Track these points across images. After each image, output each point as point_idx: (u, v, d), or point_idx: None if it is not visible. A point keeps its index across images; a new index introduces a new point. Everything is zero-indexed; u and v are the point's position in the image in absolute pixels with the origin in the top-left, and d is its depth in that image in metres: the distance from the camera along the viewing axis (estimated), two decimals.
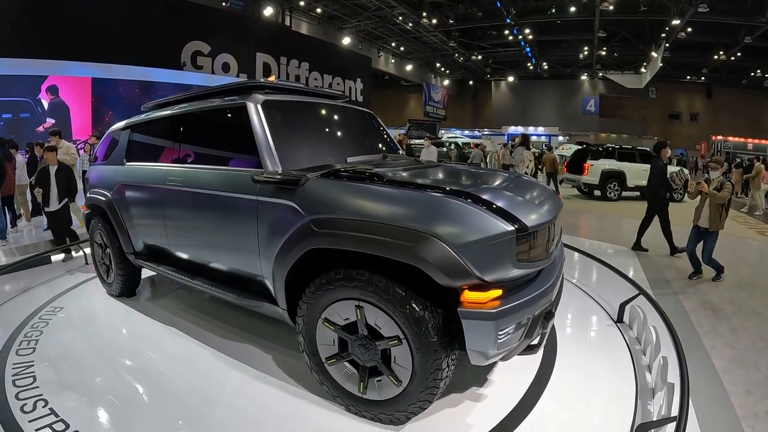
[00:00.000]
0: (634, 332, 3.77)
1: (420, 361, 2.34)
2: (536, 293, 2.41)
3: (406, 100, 44.39)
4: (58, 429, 2.55)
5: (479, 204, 2.29)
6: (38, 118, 13.09)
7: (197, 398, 2.91)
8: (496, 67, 39.84)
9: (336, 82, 28.21)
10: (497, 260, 2.22)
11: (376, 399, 2.57)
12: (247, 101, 3.09)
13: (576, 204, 13.23)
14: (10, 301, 4.69)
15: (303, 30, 27.19)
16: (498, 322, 2.21)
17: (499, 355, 2.35)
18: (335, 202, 2.58)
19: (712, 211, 5.41)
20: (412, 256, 2.24)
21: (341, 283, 2.47)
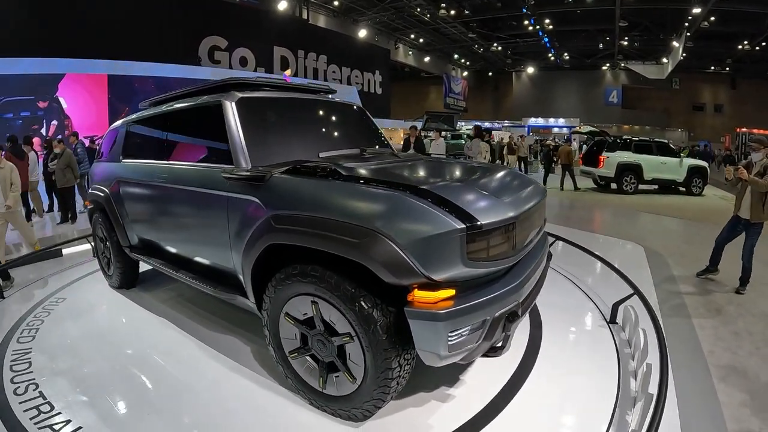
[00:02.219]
0: (626, 334, 3.57)
1: (371, 359, 2.31)
2: (498, 293, 2.29)
3: (427, 92, 43.97)
4: (44, 410, 2.71)
5: (428, 200, 2.19)
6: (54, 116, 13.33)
7: (174, 386, 3.02)
8: (517, 57, 39.11)
9: (354, 74, 28.12)
10: (445, 259, 2.12)
11: (334, 394, 2.56)
12: (224, 99, 3.12)
13: (590, 197, 12.87)
14: (18, 292, 4.93)
15: (320, 23, 27.08)
16: (447, 323, 2.11)
17: (454, 357, 2.25)
18: (292, 198, 2.59)
19: (754, 200, 4.69)
20: (358, 253, 2.21)
21: (297, 279, 2.48)
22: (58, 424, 2.59)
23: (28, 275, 5.46)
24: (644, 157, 13.20)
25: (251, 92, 3.31)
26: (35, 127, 12.95)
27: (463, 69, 43.38)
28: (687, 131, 38.35)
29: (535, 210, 2.83)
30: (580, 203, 11.85)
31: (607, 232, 8.08)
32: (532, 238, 2.81)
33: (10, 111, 12.67)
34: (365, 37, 29.28)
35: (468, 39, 33.25)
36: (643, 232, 8.06)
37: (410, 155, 3.81)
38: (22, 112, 12.85)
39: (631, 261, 6.08)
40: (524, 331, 3.69)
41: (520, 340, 3.55)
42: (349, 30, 28.46)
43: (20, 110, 12.82)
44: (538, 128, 39.08)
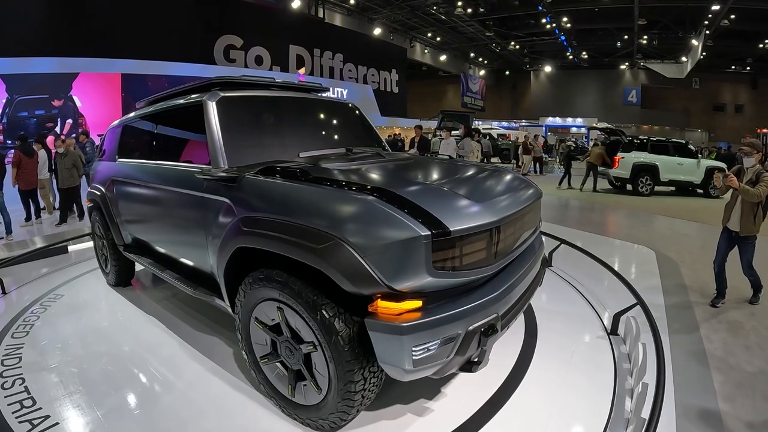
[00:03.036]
0: (626, 348, 3.33)
1: (333, 370, 2.18)
2: (473, 305, 2.11)
3: (444, 90, 43.45)
4: (26, 405, 2.75)
5: (393, 203, 2.02)
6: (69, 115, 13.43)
7: (151, 386, 3.01)
8: (534, 56, 38.45)
9: (371, 73, 27.95)
10: (408, 268, 1.94)
11: (302, 403, 2.46)
12: (205, 99, 3.04)
13: (604, 198, 12.47)
14: (20, 288, 4.99)
15: (336, 22, 26.97)
16: (410, 337, 1.94)
17: (421, 372, 2.08)
18: (259, 200, 2.51)
19: (744, 211, 4.21)
20: (316, 259, 2.08)
21: (263, 284, 2.38)
22: (37, 419, 2.61)
23: (33, 271, 5.51)
24: (661, 158, 12.73)
25: (234, 91, 3.22)
26: (49, 125, 13.09)
27: (481, 68, 42.83)
28: (707, 132, 37.26)
29: (525, 213, 2.64)
30: (594, 205, 11.50)
31: (618, 235, 7.76)
32: (520, 244, 2.62)
33: (25, 110, 12.81)
34: (380, 35, 29.05)
35: (485, 38, 32.76)
36: (656, 235, 7.72)
37: (400, 155, 3.62)
38: (37, 111, 12.99)
39: (640, 266, 5.82)
40: (517, 339, 3.51)
41: (512, 348, 3.37)
42: (364, 28, 28.26)
43: (35, 109, 12.96)
44: (555, 128, 38.41)
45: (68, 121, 13.30)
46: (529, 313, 3.99)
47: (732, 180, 4.11)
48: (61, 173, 8.09)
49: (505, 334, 3.49)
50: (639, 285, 4.75)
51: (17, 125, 12.47)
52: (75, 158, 8.22)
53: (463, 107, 35.97)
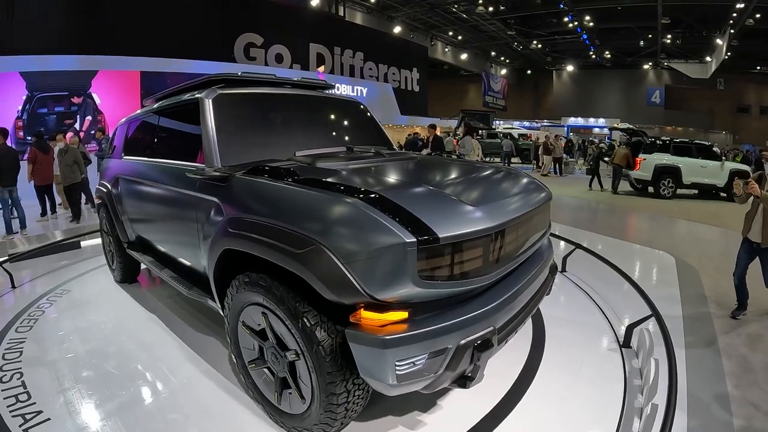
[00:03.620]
0: (639, 362, 3.11)
1: (316, 380, 2.07)
2: (465, 318, 1.94)
3: (466, 90, 42.90)
4: (21, 399, 2.76)
5: (379, 207, 1.86)
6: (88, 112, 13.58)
7: (143, 385, 2.97)
8: (557, 55, 37.74)
9: (391, 71, 27.75)
10: (391, 277, 1.79)
11: (288, 411, 2.35)
12: (202, 96, 2.96)
13: (625, 201, 12.07)
14: (29, 282, 5.05)
15: (357, 20, 26.85)
16: (393, 351, 1.79)
17: (408, 387, 1.93)
18: (245, 200, 2.42)
19: (767, 221, 3.90)
20: (296, 265, 1.96)
21: (249, 288, 2.29)
22: (30, 414, 2.62)
23: (44, 266, 5.56)
24: (683, 160, 12.25)
25: (232, 89, 3.13)
26: (69, 121, 13.23)
27: (502, 67, 42.23)
28: (731, 134, 36.08)
29: (531, 217, 2.45)
30: (613, 207, 11.15)
31: (637, 240, 7.46)
32: (524, 250, 2.43)
33: (45, 106, 12.96)
34: (400, 33, 28.82)
35: (506, 36, 32.27)
36: (676, 240, 7.41)
37: (404, 154, 3.47)
38: (56, 108, 13.12)
39: (658, 274, 5.56)
40: (524, 347, 3.33)
41: (518, 357, 3.20)
42: (383, 27, 28.06)
43: (54, 106, 13.10)
44: (578, 128, 37.68)
45: (87, 118, 13.44)
46: (538, 321, 3.80)
47: (753, 187, 3.78)
48: (63, 170, 7.96)
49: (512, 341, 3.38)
50: (656, 294, 4.50)
51: (37, 122, 12.65)
52: (76, 155, 8.09)
53: (484, 107, 35.50)
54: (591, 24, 27.45)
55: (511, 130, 26.28)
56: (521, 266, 2.49)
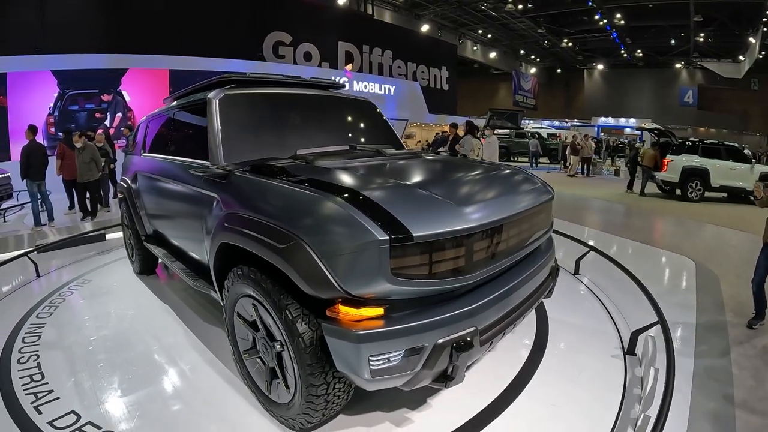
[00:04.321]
0: (642, 370, 2.97)
1: (297, 372, 2.10)
2: (443, 317, 1.92)
3: (497, 88, 42.20)
4: (36, 379, 2.92)
5: (355, 205, 1.87)
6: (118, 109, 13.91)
7: (149, 370, 3.06)
8: (588, 54, 36.76)
9: (420, 70, 27.51)
10: (364, 273, 1.82)
11: (276, 400, 2.39)
12: (209, 96, 3.03)
13: (650, 203, 11.67)
14: (54, 272, 5.26)
15: (386, 19, 26.73)
16: (366, 346, 1.83)
17: (384, 383, 1.95)
18: (240, 197, 2.48)
19: None
20: (279, 259, 2.03)
21: (241, 280, 2.36)
22: (42, 392, 2.76)
23: (69, 256, 5.77)
24: (712, 162, 11.73)
25: (241, 89, 3.20)
26: (99, 116, 13.58)
27: (532, 65, 41.42)
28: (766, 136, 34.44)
29: (525, 217, 2.39)
30: (638, 209, 10.77)
31: (658, 243, 7.18)
32: (516, 250, 2.37)
33: (76, 103, 13.34)
34: (428, 32, 28.53)
35: (536, 34, 31.63)
36: (699, 245, 7.10)
37: (406, 153, 3.43)
38: (87, 105, 13.48)
39: (677, 279, 5.34)
40: (524, 351, 3.25)
41: (516, 359, 3.13)
42: (411, 25, 27.84)
43: (85, 103, 13.45)
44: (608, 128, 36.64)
45: (117, 115, 13.78)
46: (542, 324, 3.70)
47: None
48: (80, 167, 7.89)
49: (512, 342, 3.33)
50: (671, 300, 4.36)
51: (68, 118, 13.06)
52: (93, 152, 8.07)
53: (514, 105, 34.87)
54: (622, 22, 26.62)
55: (540, 130, 25.78)
56: (515, 267, 2.44)
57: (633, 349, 3.23)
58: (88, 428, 2.43)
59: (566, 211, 9.27)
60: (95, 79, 13.35)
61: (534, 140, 21.95)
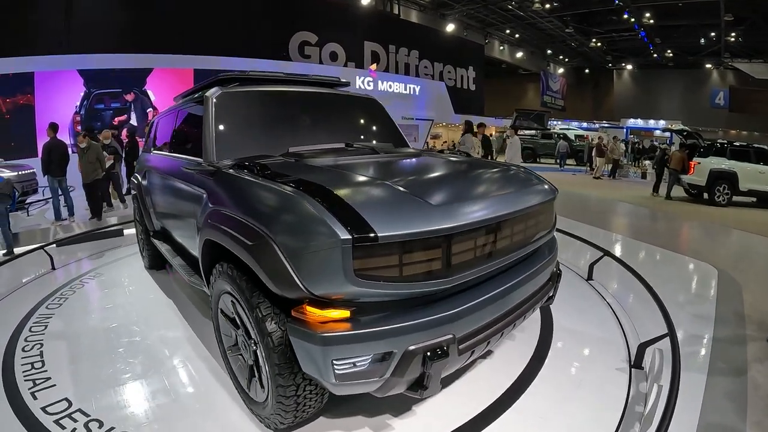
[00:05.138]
0: (647, 385, 2.74)
1: (268, 371, 2.03)
2: (414, 322, 1.78)
3: (525, 89, 41.24)
4: (36, 367, 2.98)
5: (321, 202, 1.80)
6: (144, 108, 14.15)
7: (143, 362, 3.08)
8: (617, 54, 35.61)
9: (447, 70, 27.15)
10: (326, 273, 1.71)
11: (254, 398, 2.33)
12: (206, 94, 3.01)
13: (676, 207, 11.13)
14: (68, 265, 5.34)
15: (412, 18, 26.47)
16: (329, 349, 1.73)
17: (353, 388, 1.84)
18: (223, 194, 2.44)
19: None
20: (248, 256, 1.97)
21: (221, 277, 2.31)
22: (40, 379, 2.82)
23: (86, 250, 5.88)
24: (741, 165, 11.10)
25: (238, 87, 3.16)
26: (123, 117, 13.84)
27: (560, 65, 40.41)
28: None
29: (517, 218, 2.21)
30: (662, 213, 10.30)
31: (680, 249, 6.80)
32: (506, 254, 2.19)
33: (101, 102, 13.63)
34: (453, 31, 28.13)
35: (564, 34, 30.83)
36: (723, 251, 6.71)
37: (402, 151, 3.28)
38: (112, 103, 13.78)
39: (696, 287, 5.03)
40: (523, 359, 3.06)
41: (514, 368, 2.94)
42: (436, 25, 27.50)
43: (110, 101, 13.75)
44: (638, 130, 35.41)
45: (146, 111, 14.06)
46: (546, 332, 3.49)
47: None
48: (85, 167, 7.69)
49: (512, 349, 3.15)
50: (688, 310, 4.08)
51: (94, 117, 13.37)
52: (98, 152, 7.89)
53: (542, 106, 34.07)
54: (651, 21, 25.65)
55: (567, 131, 25.13)
56: (507, 271, 2.27)
57: (640, 362, 2.97)
58: (77, 415, 2.46)
59: (588, 214, 8.96)
60: (120, 79, 13.61)
61: (563, 142, 21.41)
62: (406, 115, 20.74)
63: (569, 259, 5.48)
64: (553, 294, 2.79)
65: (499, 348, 3.20)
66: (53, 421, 2.42)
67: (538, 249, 2.61)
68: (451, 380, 2.73)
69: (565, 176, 18.22)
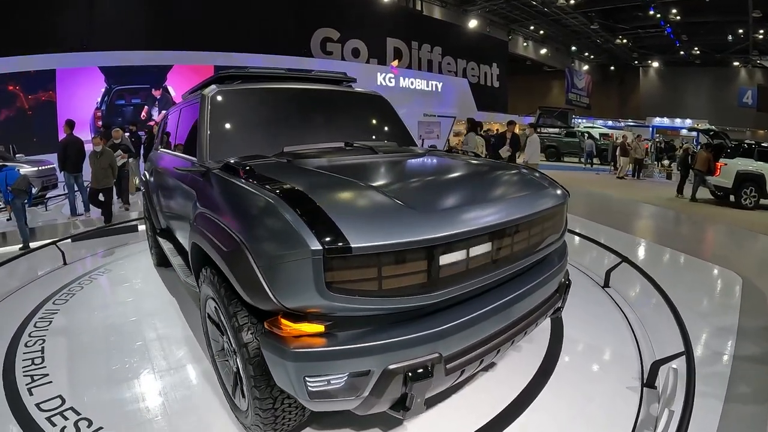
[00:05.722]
0: (659, 406, 2.52)
1: (246, 382, 1.93)
2: (396, 340, 1.64)
3: (550, 86, 40.22)
4: (36, 363, 2.99)
5: (295, 209, 1.66)
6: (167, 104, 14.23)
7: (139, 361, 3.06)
8: (643, 51, 34.51)
9: (470, 66, 26.66)
10: (297, 285, 1.58)
11: (238, 405, 2.22)
12: (203, 92, 2.94)
13: (701, 209, 10.64)
14: (80, 261, 5.37)
15: (436, 14, 26.07)
16: (300, 365, 1.61)
17: (328, 405, 1.73)
18: (209, 196, 2.34)
19: None
20: (223, 262, 1.89)
21: (205, 282, 2.24)
22: (38, 375, 2.83)
23: (99, 246, 5.95)
24: None
25: (237, 85, 3.08)
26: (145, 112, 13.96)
27: (585, 62, 39.39)
28: None
29: (518, 226, 2.02)
30: (686, 215, 9.86)
31: (703, 255, 6.44)
32: (507, 265, 2.01)
33: (122, 98, 13.79)
34: (476, 27, 27.62)
35: (590, 30, 30.03)
36: (749, 258, 6.34)
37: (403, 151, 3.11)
38: (133, 100, 13.92)
39: (719, 297, 4.72)
40: (529, 372, 2.88)
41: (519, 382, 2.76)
42: (459, 21, 27.03)
43: (131, 98, 13.89)
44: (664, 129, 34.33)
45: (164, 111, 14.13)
46: (555, 342, 3.29)
47: None
48: (96, 173, 7.24)
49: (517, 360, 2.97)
50: (709, 322, 3.82)
51: (115, 113, 13.53)
52: (111, 158, 7.44)
53: (567, 104, 33.29)
54: (677, 18, 24.74)
55: (591, 129, 24.46)
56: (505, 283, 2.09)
57: (653, 381, 2.74)
58: (68, 413, 2.44)
59: (608, 216, 8.66)
60: (141, 75, 13.71)
61: (590, 141, 20.83)
62: (428, 111, 20.45)
63: (586, 264, 5.24)
64: (561, 305, 2.60)
65: (504, 358, 3.02)
66: (45, 418, 2.41)
67: (544, 258, 2.42)
68: (449, 391, 2.56)
69: (589, 176, 17.73)
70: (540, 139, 10.94)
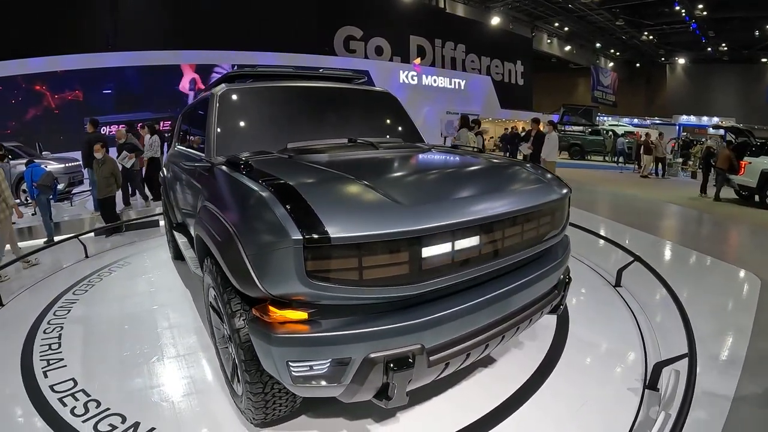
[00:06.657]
0: (658, 408, 2.43)
1: (239, 366, 2.00)
2: (377, 329, 1.66)
3: (575, 84, 39.34)
4: (54, 348, 3.14)
5: (281, 200, 1.71)
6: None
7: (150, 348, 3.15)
8: (669, 48, 33.44)
9: (494, 64, 26.40)
10: (279, 273, 1.63)
11: (236, 390, 2.28)
12: (212, 91, 2.99)
13: (724, 209, 10.21)
14: (101, 254, 5.57)
15: (459, 12, 25.80)
16: (283, 350, 1.67)
17: (311, 391, 1.77)
18: (212, 189, 2.43)
19: None
20: (217, 251, 1.99)
21: (206, 271, 2.32)
22: (53, 359, 2.97)
23: (121, 240, 6.17)
24: None
25: (243, 84, 3.13)
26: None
27: (610, 59, 38.40)
28: None
29: (508, 220, 1.99)
30: (708, 215, 9.52)
31: (722, 256, 6.17)
32: (497, 259, 1.98)
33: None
34: (499, 24, 27.23)
35: (615, 27, 29.24)
36: None
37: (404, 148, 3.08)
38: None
39: (735, 299, 4.51)
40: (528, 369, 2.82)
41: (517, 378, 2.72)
42: (482, 18, 26.70)
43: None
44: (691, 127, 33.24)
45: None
46: (559, 339, 3.23)
47: None
48: (99, 182, 6.74)
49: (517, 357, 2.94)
50: (722, 323, 3.68)
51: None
52: (113, 167, 6.87)
53: (593, 102, 32.55)
54: (704, 13, 23.87)
55: (616, 127, 23.81)
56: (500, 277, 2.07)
57: (655, 383, 2.64)
58: (79, 395, 2.57)
59: (628, 215, 8.47)
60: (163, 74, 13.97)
61: (621, 138, 20.21)
62: (450, 109, 20.34)
63: (598, 262, 5.12)
64: (560, 303, 2.54)
65: (504, 354, 2.98)
66: (57, 398, 2.54)
67: (541, 254, 2.36)
68: (445, 383, 2.55)
69: (612, 174, 17.28)
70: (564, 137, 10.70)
